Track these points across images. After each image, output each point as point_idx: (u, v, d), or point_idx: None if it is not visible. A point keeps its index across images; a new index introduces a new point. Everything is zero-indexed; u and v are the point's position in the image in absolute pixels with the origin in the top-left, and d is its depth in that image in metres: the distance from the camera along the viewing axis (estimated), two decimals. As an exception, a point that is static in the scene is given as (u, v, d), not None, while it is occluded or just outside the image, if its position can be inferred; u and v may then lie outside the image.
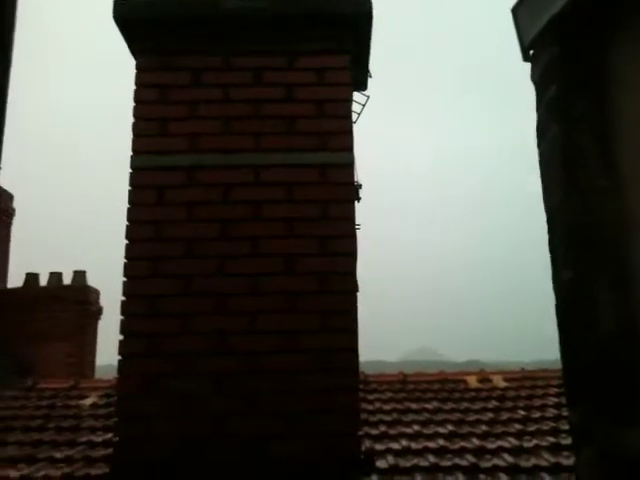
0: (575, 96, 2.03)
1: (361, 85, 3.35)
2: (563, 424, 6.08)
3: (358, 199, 3.12)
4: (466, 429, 6.34)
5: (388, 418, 6.71)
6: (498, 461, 5.56)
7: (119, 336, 2.72)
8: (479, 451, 5.79)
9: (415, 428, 6.38)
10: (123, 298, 2.74)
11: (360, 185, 3.18)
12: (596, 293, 1.87)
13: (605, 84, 2.01)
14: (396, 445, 5.96)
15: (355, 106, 3.19)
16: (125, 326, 2.71)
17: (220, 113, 2.91)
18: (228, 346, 2.66)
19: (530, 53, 2.25)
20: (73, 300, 10.51)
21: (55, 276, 10.84)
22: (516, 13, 2.25)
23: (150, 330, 2.69)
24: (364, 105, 3.33)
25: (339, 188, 2.83)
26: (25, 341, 9.95)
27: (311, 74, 2.94)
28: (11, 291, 10.78)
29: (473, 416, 6.75)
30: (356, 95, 3.26)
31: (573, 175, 2.00)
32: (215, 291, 2.72)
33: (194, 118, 2.91)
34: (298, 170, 2.85)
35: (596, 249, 1.90)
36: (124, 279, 2.76)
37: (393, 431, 6.34)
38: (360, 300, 2.76)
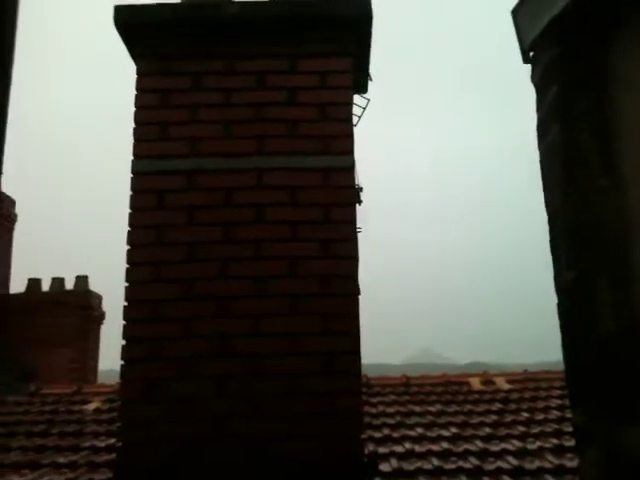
0: (575, 96, 2.03)
1: (362, 88, 3.35)
2: (567, 426, 6.06)
3: (359, 202, 3.12)
4: (469, 432, 6.32)
5: (391, 421, 6.70)
6: (502, 464, 5.54)
7: (122, 341, 2.72)
8: (483, 454, 5.78)
9: (418, 431, 6.37)
10: (125, 303, 2.74)
11: (361, 188, 3.19)
12: (597, 293, 1.86)
13: (605, 84, 2.01)
14: (399, 448, 5.94)
15: (356, 109, 3.19)
16: (128, 331, 2.71)
17: (221, 117, 2.92)
18: (231, 349, 2.66)
19: (530, 54, 2.25)
20: (75, 305, 10.53)
21: (57, 281, 10.85)
22: (516, 15, 2.26)
23: (153, 335, 2.69)
24: (365, 108, 3.34)
25: (340, 191, 2.83)
26: (28, 346, 9.97)
27: (313, 77, 2.94)
28: (14, 296, 10.80)
29: (476, 418, 6.73)
30: (357, 98, 3.27)
31: (574, 175, 2.00)
32: (217, 294, 2.72)
33: (195, 122, 2.91)
34: (300, 173, 2.85)
35: (597, 249, 1.90)
36: (126, 284, 2.76)
37: (396, 434, 6.33)
38: (362, 302, 2.77)
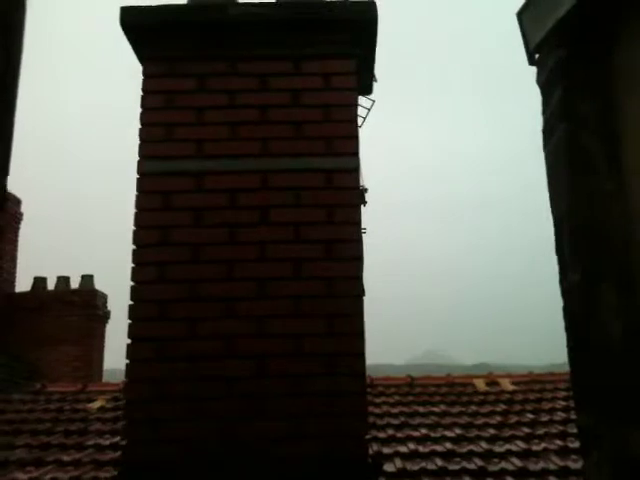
0: (581, 99, 2.03)
1: (366, 89, 3.35)
2: (571, 427, 6.06)
3: (364, 203, 3.13)
4: (474, 432, 6.32)
5: (395, 421, 6.71)
6: (506, 465, 5.54)
7: (127, 340, 2.73)
8: (487, 454, 5.78)
9: (422, 431, 6.38)
10: (131, 302, 2.75)
11: (366, 189, 3.19)
12: (604, 296, 1.86)
13: (611, 86, 2.01)
14: (403, 448, 5.95)
15: (360, 110, 3.20)
16: (133, 330, 2.72)
17: (226, 118, 2.93)
18: (235, 350, 2.67)
19: (536, 57, 2.25)
20: (81, 304, 10.57)
21: (63, 280, 10.90)
22: (521, 17, 2.26)
23: (158, 335, 2.70)
24: (369, 109, 3.34)
25: (345, 193, 2.84)
26: (33, 345, 10.01)
27: (317, 79, 2.94)
28: (19, 295, 10.85)
29: (481, 419, 6.73)
30: (361, 99, 3.27)
31: (579, 178, 2.00)
32: (222, 295, 2.73)
33: (201, 124, 2.92)
34: (305, 175, 2.86)
35: (603, 251, 1.90)
36: (132, 284, 2.77)
37: (400, 434, 6.34)
38: (366, 303, 2.77)
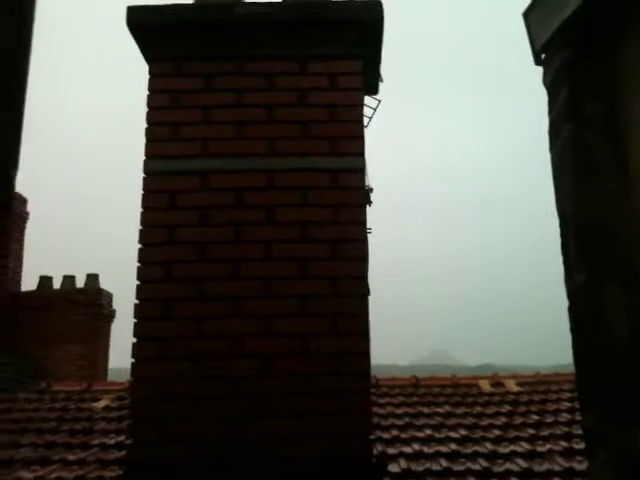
0: (587, 99, 2.03)
1: (372, 89, 3.36)
2: (576, 429, 6.04)
3: (369, 203, 3.13)
4: (479, 433, 6.32)
5: (400, 422, 6.70)
6: (511, 466, 5.54)
7: (132, 339, 2.73)
8: (492, 455, 5.77)
9: (427, 432, 6.37)
10: (136, 301, 2.76)
11: (371, 189, 3.19)
12: (609, 296, 1.86)
13: (617, 87, 2.01)
14: (408, 449, 5.95)
15: (366, 110, 3.20)
16: (138, 329, 2.73)
17: (233, 118, 2.93)
18: (241, 349, 2.68)
19: (542, 57, 2.25)
20: (86, 303, 10.61)
21: (68, 279, 10.94)
22: (527, 17, 2.26)
23: (163, 334, 2.70)
24: (375, 109, 3.34)
25: (350, 192, 2.84)
26: (38, 344, 10.05)
27: (323, 79, 2.95)
28: (25, 294, 10.89)
29: (486, 420, 6.72)
30: (367, 99, 3.27)
31: (586, 178, 2.00)
32: (228, 294, 2.73)
33: (207, 123, 2.93)
34: (311, 174, 2.86)
35: (608, 251, 1.89)
36: (137, 283, 2.78)
37: (405, 435, 6.34)
38: (371, 303, 2.77)
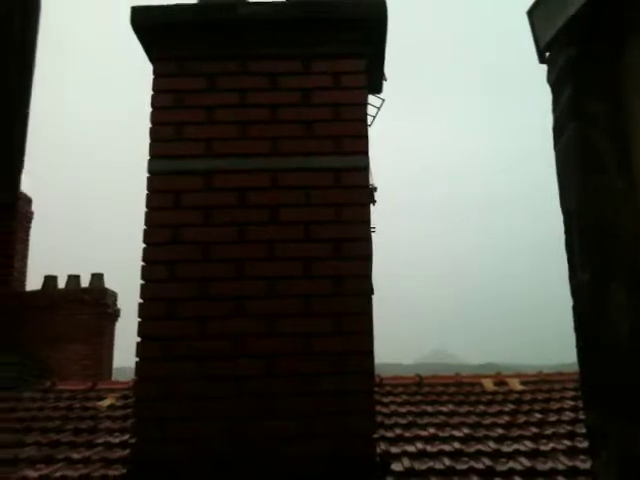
0: (591, 98, 2.03)
1: (376, 88, 3.36)
2: (580, 427, 6.03)
3: (373, 202, 3.13)
4: (482, 432, 6.31)
5: (403, 421, 6.70)
6: (514, 464, 5.53)
7: (136, 339, 2.74)
8: (495, 454, 5.76)
9: (430, 431, 6.37)
10: (140, 301, 2.77)
11: (375, 188, 3.19)
12: (613, 295, 1.86)
13: (621, 86, 2.01)
14: (411, 448, 5.94)
15: (370, 109, 3.20)
16: (143, 329, 2.74)
17: (236, 118, 2.93)
18: (245, 349, 2.68)
19: (546, 55, 2.25)
20: (91, 303, 10.63)
21: (73, 279, 10.95)
22: (531, 15, 2.26)
23: (167, 333, 2.71)
24: (379, 108, 3.35)
25: (354, 191, 2.84)
26: (43, 343, 10.08)
27: (327, 78, 2.95)
28: (30, 294, 10.91)
29: (489, 419, 6.71)
30: (371, 98, 3.27)
31: (590, 177, 2.00)
32: (232, 294, 2.74)
33: (211, 123, 2.93)
34: (314, 174, 2.86)
35: (612, 251, 1.89)
36: (142, 282, 2.78)
37: (408, 434, 6.33)
38: (375, 302, 2.77)
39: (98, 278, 11.00)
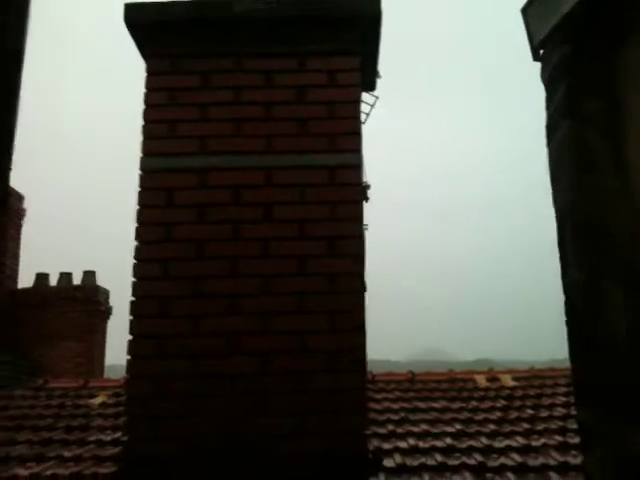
0: (585, 96, 2.03)
1: (370, 86, 3.35)
2: (571, 423, 6.06)
3: (366, 200, 3.13)
4: (474, 428, 6.33)
5: (396, 417, 6.71)
6: (506, 460, 5.55)
7: (128, 336, 2.73)
8: (487, 450, 5.78)
9: (423, 427, 6.38)
10: (133, 299, 2.76)
11: (368, 186, 3.19)
12: (606, 293, 1.86)
13: (615, 83, 2.01)
14: (403, 444, 5.95)
15: (364, 107, 3.19)
16: (134, 327, 2.73)
17: (231, 115, 2.92)
18: (239, 347, 2.68)
19: (540, 53, 2.25)
20: (83, 300, 10.58)
21: (65, 276, 10.90)
22: (526, 13, 2.25)
23: (160, 331, 2.70)
24: (373, 106, 3.34)
25: (347, 189, 2.84)
26: (35, 340, 10.03)
27: (321, 76, 2.94)
28: (22, 291, 10.85)
29: (481, 415, 6.73)
30: (365, 96, 3.27)
31: (583, 175, 2.00)
32: (225, 292, 2.73)
33: (204, 120, 2.92)
34: (308, 171, 2.86)
35: (606, 249, 1.90)
36: (134, 280, 2.77)
37: (401, 430, 6.34)
38: (368, 300, 2.78)
39: (90, 276, 10.95)
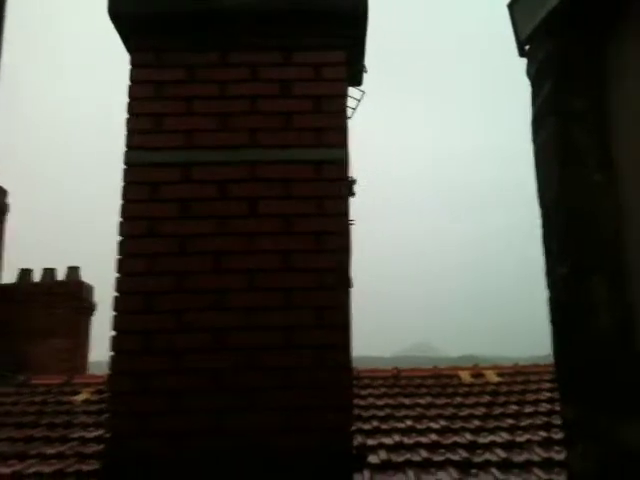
0: (570, 91, 2.03)
1: (356, 81, 3.34)
2: (555, 419, 6.12)
3: (352, 195, 3.12)
4: (459, 424, 6.36)
5: (381, 413, 6.73)
6: (490, 456, 5.58)
7: (112, 332, 2.70)
8: (471, 446, 5.81)
9: (408, 423, 6.40)
10: (116, 294, 2.73)
11: (354, 181, 3.18)
12: (590, 288, 1.87)
13: (600, 79, 2.01)
14: (388, 440, 5.97)
15: (351, 102, 3.18)
16: (118, 323, 2.70)
17: (216, 109, 2.90)
18: (224, 342, 2.66)
19: (526, 48, 2.25)
20: (67, 296, 10.48)
21: (49, 272, 10.79)
22: (512, 9, 2.26)
23: (143, 327, 2.68)
24: (359, 101, 3.33)
25: (333, 184, 2.83)
26: (18, 337, 9.92)
27: (307, 70, 2.92)
28: (5, 287, 10.72)
29: (466, 411, 6.77)
30: (352, 91, 3.25)
31: (568, 170, 2.00)
32: (210, 287, 2.71)
33: (189, 114, 2.89)
34: (294, 166, 2.84)
35: (591, 244, 1.90)
36: (117, 275, 2.74)
37: (386, 426, 6.36)
38: (355, 296, 2.77)
39: (74, 271, 10.85)
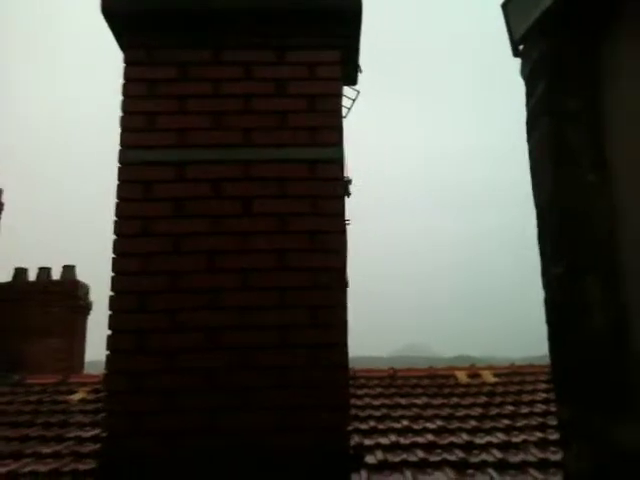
0: (564, 91, 2.03)
1: (351, 80, 3.34)
2: (551, 420, 6.12)
3: (348, 194, 3.11)
4: (455, 424, 6.36)
5: (377, 413, 6.73)
6: (487, 456, 5.58)
7: (108, 331, 2.70)
8: (468, 446, 5.81)
9: (404, 423, 6.40)
10: (111, 294, 2.72)
11: (350, 180, 3.18)
12: (585, 288, 1.87)
13: (594, 79, 2.01)
14: (385, 440, 5.96)
15: (346, 101, 3.18)
16: (113, 322, 2.70)
17: (209, 108, 2.90)
18: (219, 342, 2.65)
19: (520, 48, 2.25)
20: (62, 295, 10.46)
21: (44, 271, 10.77)
22: (506, 8, 2.25)
23: (139, 326, 2.67)
24: (354, 100, 3.33)
25: (328, 183, 2.82)
26: (14, 336, 9.90)
27: (301, 69, 2.92)
28: (0, 286, 10.70)
29: (462, 411, 6.77)
30: (347, 90, 3.25)
31: (563, 170, 2.00)
32: (205, 287, 2.71)
33: (183, 113, 2.89)
34: (288, 165, 2.84)
35: (586, 244, 1.90)
36: (112, 274, 2.74)
37: (382, 426, 6.35)
38: (351, 296, 2.77)
39: (70, 270, 10.83)
